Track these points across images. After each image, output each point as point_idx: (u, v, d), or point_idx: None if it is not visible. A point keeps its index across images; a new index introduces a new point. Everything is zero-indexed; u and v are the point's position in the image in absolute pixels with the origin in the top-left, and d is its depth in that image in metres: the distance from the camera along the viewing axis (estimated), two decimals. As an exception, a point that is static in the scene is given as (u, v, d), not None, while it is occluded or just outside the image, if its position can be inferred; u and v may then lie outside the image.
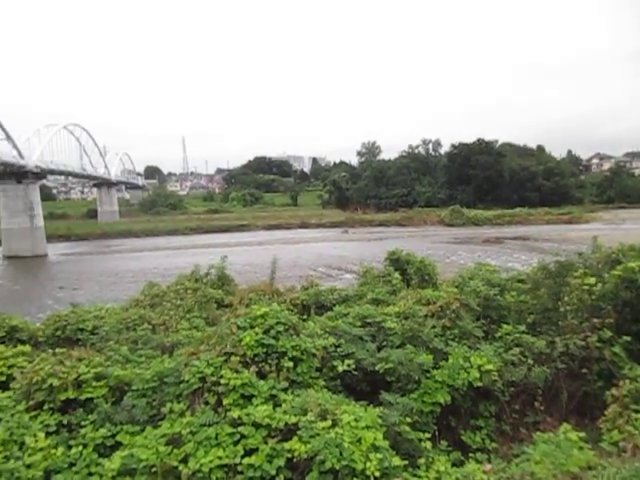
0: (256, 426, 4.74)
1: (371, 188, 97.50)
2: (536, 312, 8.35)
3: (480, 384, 6.07)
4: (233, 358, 5.69)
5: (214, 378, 5.47)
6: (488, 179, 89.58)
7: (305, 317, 9.19)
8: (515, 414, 6.40)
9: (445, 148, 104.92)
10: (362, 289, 11.70)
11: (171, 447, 4.58)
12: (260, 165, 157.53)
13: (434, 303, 8.24)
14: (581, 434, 4.56)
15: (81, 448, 4.89)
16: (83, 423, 5.36)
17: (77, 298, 21.62)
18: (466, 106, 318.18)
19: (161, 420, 5.24)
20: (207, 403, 5.34)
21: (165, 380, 5.77)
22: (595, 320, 7.09)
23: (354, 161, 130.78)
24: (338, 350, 6.76)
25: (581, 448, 4.30)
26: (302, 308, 10.48)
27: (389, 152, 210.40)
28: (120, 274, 38.26)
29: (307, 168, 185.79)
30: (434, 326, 7.42)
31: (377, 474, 4.20)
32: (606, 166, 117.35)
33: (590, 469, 3.82)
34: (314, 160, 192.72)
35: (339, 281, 26.37)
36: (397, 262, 13.50)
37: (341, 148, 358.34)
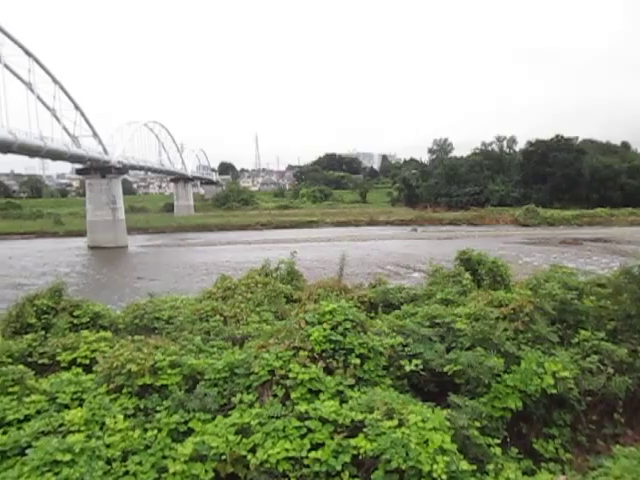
0: (323, 421, 4.78)
1: (442, 186, 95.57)
2: (617, 318, 7.89)
3: (554, 391, 5.82)
4: (301, 353, 5.77)
5: (282, 371, 5.57)
6: (566, 177, 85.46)
7: (372, 315, 9.16)
8: (592, 425, 6.10)
9: (520, 145, 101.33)
10: (431, 288, 11.50)
11: (240, 437, 4.71)
12: (330, 162, 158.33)
13: (506, 305, 7.97)
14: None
15: (156, 432, 5.10)
16: (158, 408, 5.60)
17: (154, 288, 22.52)
18: (546, 104, 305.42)
19: (231, 410, 5.40)
20: (275, 396, 5.44)
21: (235, 371, 5.93)
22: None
23: (425, 158, 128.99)
24: (406, 349, 6.69)
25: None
26: (369, 306, 10.44)
27: (461, 149, 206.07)
28: (194, 266, 39.62)
29: (377, 165, 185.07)
30: (506, 329, 7.19)
31: (444, 477, 4.13)
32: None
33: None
34: (384, 157, 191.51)
35: (407, 280, 26.05)
36: (468, 262, 13.15)
37: (411, 145, 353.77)
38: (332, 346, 5.93)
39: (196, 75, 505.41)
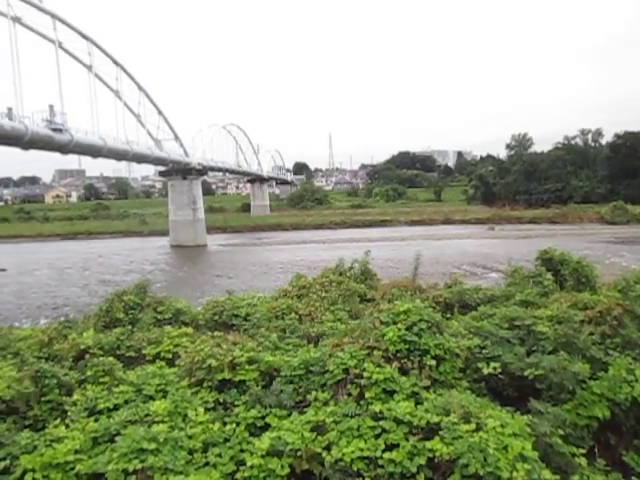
0: (397, 422, 4.75)
1: (521, 183, 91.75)
2: None
3: (646, 400, 5.48)
4: (376, 352, 5.76)
5: (357, 371, 5.59)
6: (659, 171, 79.73)
7: (448, 316, 9.01)
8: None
9: (607, 138, 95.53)
10: (510, 289, 11.15)
11: (315, 434, 4.77)
12: (403, 160, 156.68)
13: (592, 308, 7.57)
14: None
15: (234, 426, 5.27)
16: (236, 403, 5.80)
17: (232, 286, 23.29)
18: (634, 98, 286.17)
19: (306, 407, 5.49)
20: (350, 394, 5.47)
21: (311, 369, 6.02)
22: None
23: (502, 154, 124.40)
24: (483, 352, 6.53)
25: None
26: (445, 306, 10.28)
27: (542, 144, 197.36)
28: (270, 265, 40.46)
29: (452, 162, 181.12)
30: (592, 333, 6.84)
31: (524, 485, 3.99)
32: None
33: None
34: (459, 154, 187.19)
35: (484, 280, 25.28)
36: (549, 262, 12.61)
37: (488, 141, 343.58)
38: (407, 346, 5.88)
39: (272, 77, 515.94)
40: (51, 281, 36.96)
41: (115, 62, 55.49)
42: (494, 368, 6.09)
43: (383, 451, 4.50)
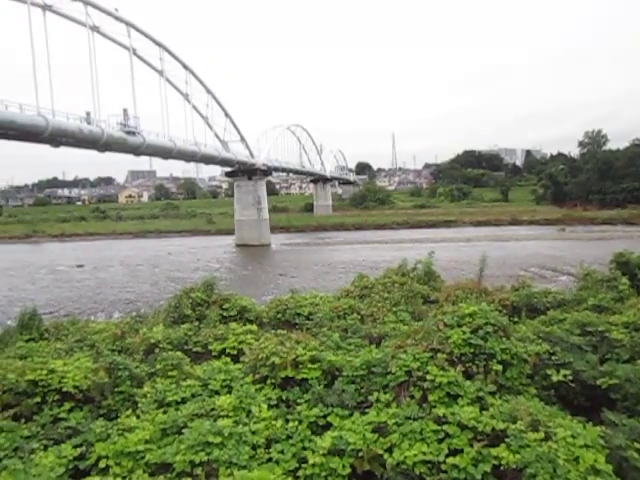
0: (461, 427, 4.67)
1: (594, 182, 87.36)
2: None
3: None
4: (440, 355, 5.68)
5: (420, 373, 5.53)
6: None
7: (515, 320, 8.76)
8: None
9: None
10: (581, 294, 10.68)
11: (377, 435, 4.76)
12: (469, 159, 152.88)
13: (674, 315, 7.16)
14: None
15: (297, 423, 5.35)
16: (299, 401, 5.87)
17: (295, 285, 23.57)
18: None
19: (368, 407, 5.48)
20: (412, 397, 5.42)
21: (373, 370, 6.01)
22: None
23: (574, 152, 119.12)
24: (552, 358, 6.31)
25: None
26: (512, 309, 9.99)
27: (618, 141, 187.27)
28: (332, 264, 40.60)
29: (520, 161, 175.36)
30: (673, 342, 6.45)
31: (597, 499, 3.82)
32: None
33: None
34: (527, 152, 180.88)
35: (554, 283, 24.31)
36: (626, 265, 11.98)
37: (559, 139, 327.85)
38: (472, 350, 5.76)
39: (336, 77, 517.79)
40: (123, 277, 38.73)
41: (185, 66, 57.33)
42: (564, 375, 5.87)
43: (446, 456, 4.43)
